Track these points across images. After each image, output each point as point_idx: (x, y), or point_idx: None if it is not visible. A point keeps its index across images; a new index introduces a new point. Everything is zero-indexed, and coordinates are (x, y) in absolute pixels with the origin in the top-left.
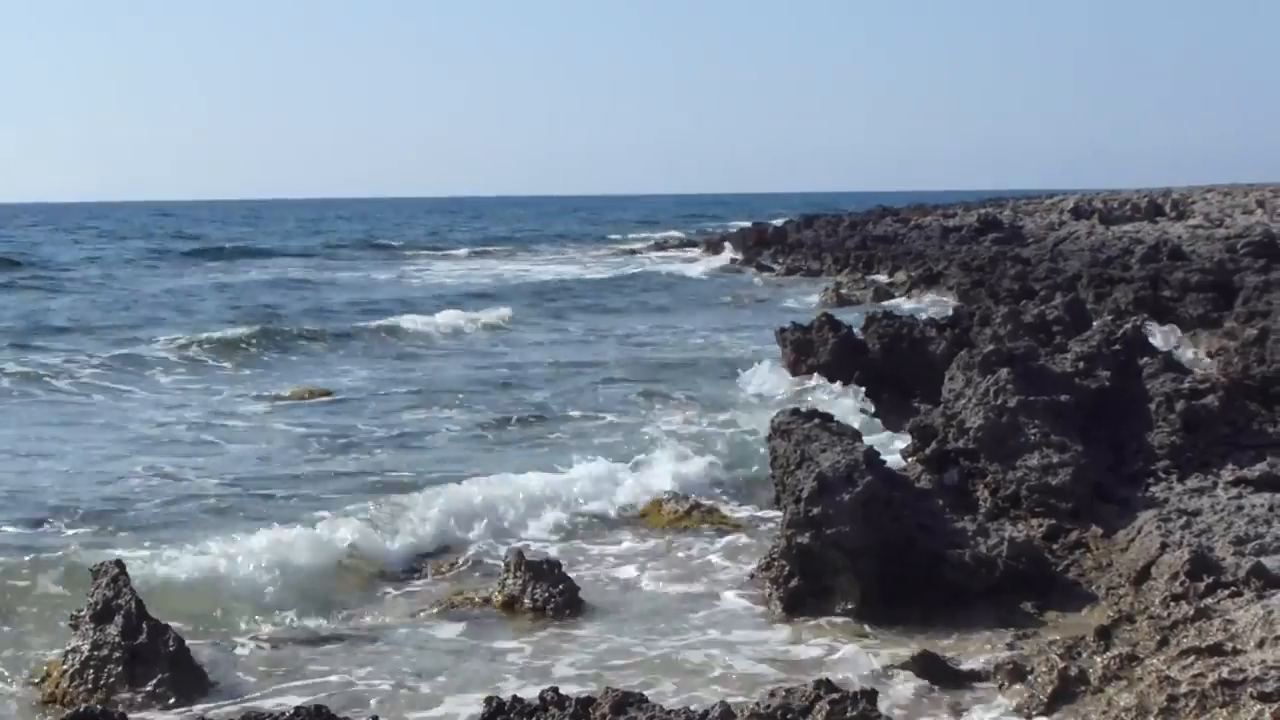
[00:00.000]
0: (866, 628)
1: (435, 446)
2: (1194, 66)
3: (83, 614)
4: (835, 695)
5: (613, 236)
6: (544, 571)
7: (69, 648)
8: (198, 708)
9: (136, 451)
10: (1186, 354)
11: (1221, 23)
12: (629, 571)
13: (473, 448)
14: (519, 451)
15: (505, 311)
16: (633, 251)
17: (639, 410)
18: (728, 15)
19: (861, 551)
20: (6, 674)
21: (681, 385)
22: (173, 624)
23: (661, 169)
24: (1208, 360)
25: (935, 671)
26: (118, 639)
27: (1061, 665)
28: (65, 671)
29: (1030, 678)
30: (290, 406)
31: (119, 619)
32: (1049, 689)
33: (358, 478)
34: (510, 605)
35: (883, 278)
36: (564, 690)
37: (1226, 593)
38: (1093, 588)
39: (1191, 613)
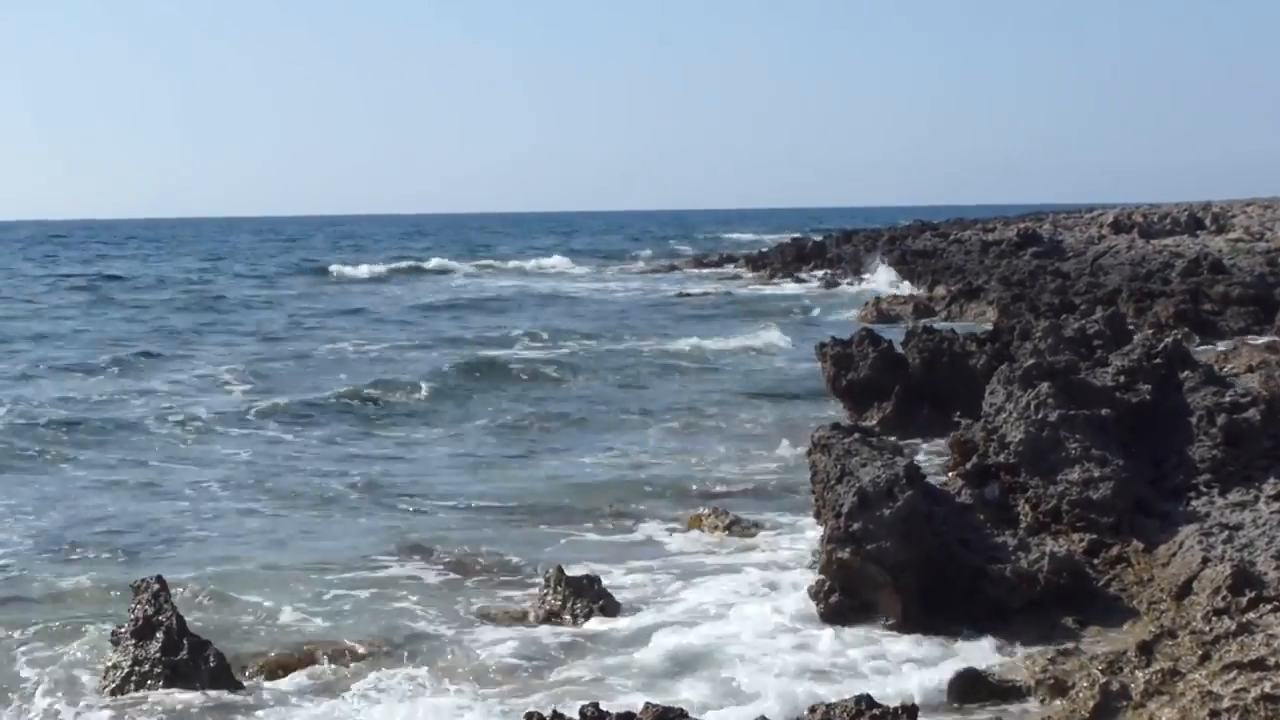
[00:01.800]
0: (907, 643)
1: None
2: (1233, 78)
3: (124, 630)
4: (876, 710)
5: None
6: (584, 587)
7: (109, 664)
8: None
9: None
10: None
11: (1261, 33)
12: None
13: None
14: None
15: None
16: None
17: None
18: (771, 29)
19: (902, 566)
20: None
21: None
22: None
23: (688, 184)
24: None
25: (976, 687)
26: (158, 655)
27: (1103, 680)
28: (104, 687)
29: (1071, 693)
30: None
31: (160, 635)
32: (1090, 704)
33: None
34: (549, 621)
35: (922, 292)
36: (604, 705)
37: (1269, 607)
38: (1134, 602)
39: (1234, 627)
